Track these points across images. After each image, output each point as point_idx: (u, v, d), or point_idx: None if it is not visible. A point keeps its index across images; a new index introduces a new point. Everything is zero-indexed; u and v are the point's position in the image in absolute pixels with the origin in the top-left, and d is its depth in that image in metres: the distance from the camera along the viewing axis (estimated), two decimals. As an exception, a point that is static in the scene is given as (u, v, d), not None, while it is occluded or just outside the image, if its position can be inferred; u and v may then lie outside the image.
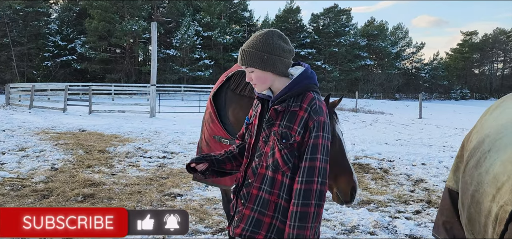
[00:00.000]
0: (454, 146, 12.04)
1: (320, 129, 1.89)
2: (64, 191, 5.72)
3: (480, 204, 1.61)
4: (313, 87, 2.00)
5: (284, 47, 1.98)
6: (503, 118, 1.82)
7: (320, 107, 1.93)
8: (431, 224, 5.01)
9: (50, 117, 17.12)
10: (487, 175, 1.62)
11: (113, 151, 9.13)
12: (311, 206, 1.84)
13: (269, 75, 1.99)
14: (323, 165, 1.88)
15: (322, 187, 1.87)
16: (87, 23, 45.11)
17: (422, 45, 74.24)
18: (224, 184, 3.48)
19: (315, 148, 1.88)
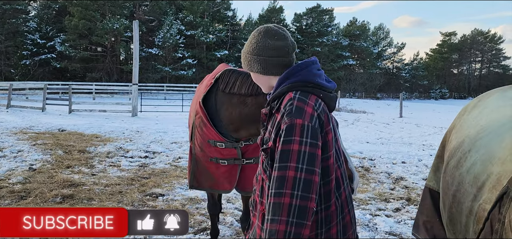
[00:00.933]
0: (433, 144, 12.28)
1: (293, 133, 1.62)
2: (43, 192, 5.61)
3: (461, 204, 1.64)
4: (298, 85, 1.75)
5: (270, 45, 1.81)
6: (482, 119, 1.85)
7: (298, 107, 1.66)
8: (410, 222, 5.10)
9: (29, 116, 16.75)
10: (468, 175, 1.64)
11: (94, 151, 8.99)
12: (281, 223, 1.56)
13: (260, 76, 1.88)
14: (301, 175, 1.58)
15: (302, 202, 1.56)
16: (67, 21, 44.31)
17: (402, 45, 75.54)
18: (224, 189, 3.42)
19: (285, 155, 1.61)
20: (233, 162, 3.24)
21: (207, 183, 3.46)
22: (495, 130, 1.67)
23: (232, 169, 3.28)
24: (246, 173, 3.28)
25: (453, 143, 1.98)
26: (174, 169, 7.55)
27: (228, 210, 5.25)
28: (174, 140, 11.15)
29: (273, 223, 1.58)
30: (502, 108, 1.82)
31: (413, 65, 75.38)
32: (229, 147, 3.16)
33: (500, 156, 1.51)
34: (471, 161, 1.66)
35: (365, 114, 25.86)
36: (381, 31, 74.68)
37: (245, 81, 3.15)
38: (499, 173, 1.45)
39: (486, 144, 1.64)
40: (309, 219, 1.58)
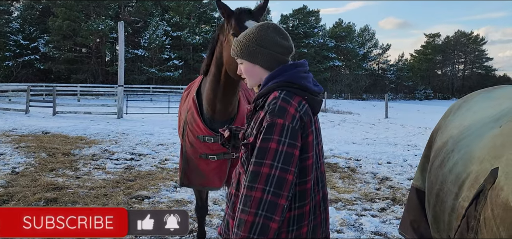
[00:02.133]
0: (418, 144, 12.44)
1: (273, 132, 1.66)
2: (26, 195, 5.51)
3: (444, 203, 1.67)
4: (283, 84, 1.77)
5: (278, 42, 1.84)
6: (466, 120, 1.89)
7: (281, 107, 1.70)
8: (396, 221, 5.16)
9: (11, 119, 16.44)
10: (450, 174, 1.68)
11: (78, 153, 8.88)
12: (250, 214, 1.64)
13: (257, 68, 1.88)
14: (274, 172, 1.64)
15: (272, 197, 1.63)
16: (50, 21, 43.64)
17: (388, 46, 76.57)
18: (214, 186, 3.42)
19: (263, 151, 1.66)
20: (223, 156, 3.24)
21: (198, 181, 3.46)
22: (476, 130, 1.72)
23: (222, 164, 3.27)
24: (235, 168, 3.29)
25: (438, 143, 2.02)
26: (160, 171, 7.49)
27: (214, 212, 5.24)
28: (160, 142, 11.08)
29: (243, 213, 1.66)
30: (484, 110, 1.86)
31: (398, 66, 76.39)
32: (218, 141, 3.17)
33: (478, 155, 1.56)
34: (453, 160, 1.70)
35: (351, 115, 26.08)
36: (366, 33, 75.53)
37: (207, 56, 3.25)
38: (477, 171, 1.50)
39: (467, 144, 1.68)
40: (278, 215, 1.65)
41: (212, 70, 3.13)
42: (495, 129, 1.63)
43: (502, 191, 1.28)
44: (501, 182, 1.32)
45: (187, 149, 3.43)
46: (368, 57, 74.25)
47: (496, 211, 1.28)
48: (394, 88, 74.81)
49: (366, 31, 75.58)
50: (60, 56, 44.49)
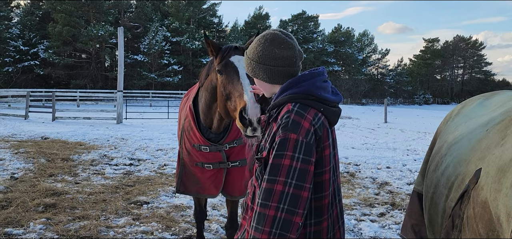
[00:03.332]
0: (417, 149, 12.45)
1: (286, 148, 1.61)
2: (24, 201, 5.50)
3: (437, 205, 1.70)
4: (298, 97, 1.71)
5: (276, 55, 1.77)
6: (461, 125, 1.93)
7: (295, 121, 1.64)
8: (395, 226, 5.16)
9: (11, 124, 16.44)
10: (442, 177, 1.71)
11: (78, 159, 8.87)
12: (264, 233, 1.59)
13: (263, 83, 1.86)
14: (288, 190, 1.58)
15: (285, 215, 1.58)
16: (50, 27, 43.72)
17: (387, 51, 76.59)
18: (210, 194, 3.40)
19: (275, 168, 1.61)
20: (219, 166, 3.23)
21: (194, 188, 3.45)
22: (467, 135, 1.76)
23: (218, 173, 3.27)
24: (232, 176, 3.28)
25: (435, 148, 2.05)
26: (159, 176, 7.49)
27: (213, 217, 5.23)
28: (159, 147, 11.07)
29: (257, 231, 1.61)
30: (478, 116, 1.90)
31: (397, 71, 76.47)
32: (213, 151, 3.16)
33: (466, 158, 1.62)
34: (445, 164, 1.74)
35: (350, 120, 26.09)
36: (365, 38, 75.64)
37: (205, 69, 3.26)
38: (464, 173, 1.55)
39: (458, 149, 1.73)
40: (293, 233, 1.59)
41: (207, 88, 3.12)
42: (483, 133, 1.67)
43: (482, 190, 1.33)
44: (482, 182, 1.36)
45: (184, 156, 3.43)
46: (367, 62, 74.37)
47: (476, 210, 1.33)
48: (394, 93, 74.87)
49: (365, 36, 75.72)
50: (60, 61, 44.52)
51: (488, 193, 1.30)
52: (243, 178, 3.22)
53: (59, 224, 4.72)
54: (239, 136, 3.15)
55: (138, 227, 4.75)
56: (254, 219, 1.63)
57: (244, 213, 1.93)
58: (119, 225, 4.80)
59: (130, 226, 4.79)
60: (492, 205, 1.26)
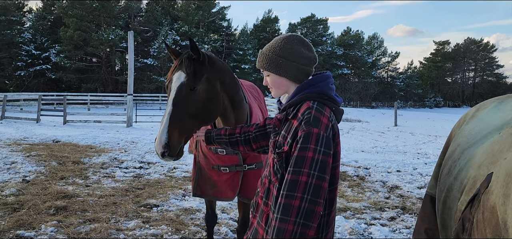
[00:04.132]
0: (428, 153, 12.33)
1: (309, 141, 1.71)
2: (36, 204, 5.56)
3: (450, 209, 1.69)
4: (314, 96, 1.85)
5: (303, 54, 1.92)
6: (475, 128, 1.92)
7: (315, 117, 1.76)
8: (406, 230, 5.11)
9: (23, 127, 16.66)
10: (455, 181, 1.70)
11: (88, 162, 8.95)
12: (289, 223, 1.67)
13: (284, 80, 1.94)
14: (311, 180, 1.69)
15: (310, 205, 1.67)
16: (62, 32, 44.31)
17: (396, 54, 76.15)
18: (227, 197, 3.36)
19: (300, 160, 1.71)
20: (235, 168, 3.21)
21: (211, 191, 3.43)
22: (481, 138, 1.75)
23: (234, 176, 3.25)
24: (248, 179, 3.25)
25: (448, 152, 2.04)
26: (169, 179, 7.52)
27: (222, 220, 5.23)
28: (169, 150, 11.12)
29: (282, 222, 1.69)
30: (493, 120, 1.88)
31: (407, 74, 75.95)
32: (230, 154, 3.14)
33: (478, 161, 1.60)
34: (458, 168, 1.74)
35: (360, 123, 25.95)
36: (375, 41, 75.33)
37: None
38: (475, 176, 1.54)
39: (471, 152, 1.72)
40: (315, 222, 1.70)
41: None
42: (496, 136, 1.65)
43: (492, 195, 1.33)
44: (492, 186, 1.36)
45: (200, 160, 3.41)
46: (377, 65, 74.02)
47: (485, 214, 1.32)
48: (404, 96, 74.35)
49: (374, 39, 75.40)
50: (71, 65, 45.07)
51: (497, 198, 1.29)
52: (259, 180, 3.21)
53: (70, 226, 4.76)
54: None
55: (148, 230, 4.77)
56: (279, 210, 1.71)
57: (254, 212, 1.99)
58: (129, 228, 4.83)
59: (140, 229, 4.81)
60: (500, 210, 1.25)
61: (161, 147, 2.40)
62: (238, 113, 3.00)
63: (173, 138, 2.44)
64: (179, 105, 2.49)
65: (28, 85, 44.87)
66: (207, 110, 2.63)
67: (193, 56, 2.61)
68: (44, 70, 45.92)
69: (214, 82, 2.67)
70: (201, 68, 2.60)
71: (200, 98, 2.56)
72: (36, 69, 45.58)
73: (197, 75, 2.56)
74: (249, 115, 3.15)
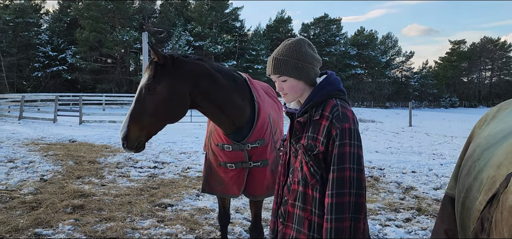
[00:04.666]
0: (444, 153, 12.16)
1: (345, 136, 1.77)
2: (53, 202, 5.67)
3: (469, 210, 1.68)
4: (335, 94, 1.90)
5: (314, 56, 1.96)
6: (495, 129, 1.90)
7: (343, 113, 1.82)
8: (421, 232, 5.05)
9: (40, 128, 16.96)
10: (475, 182, 1.69)
11: (104, 161, 9.07)
12: (345, 220, 1.72)
13: (301, 84, 1.94)
14: (354, 174, 1.75)
15: (357, 199, 1.74)
16: (78, 33, 44.98)
17: (411, 54, 75.48)
18: (233, 194, 3.43)
19: (341, 157, 1.76)
20: (241, 165, 3.25)
21: (219, 188, 3.50)
22: (501, 138, 1.72)
23: (240, 173, 3.29)
24: (253, 177, 3.29)
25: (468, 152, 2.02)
26: (183, 179, 7.58)
27: (236, 220, 5.25)
28: (182, 150, 11.20)
29: (338, 221, 1.73)
30: None
31: (422, 74, 74.98)
32: (236, 150, 3.18)
33: (497, 161, 1.59)
34: (478, 168, 1.72)
35: (374, 123, 25.74)
36: (389, 40, 74.53)
37: None
38: (495, 176, 1.53)
39: (491, 152, 1.70)
40: (362, 213, 1.77)
41: None
42: None
43: (511, 194, 1.32)
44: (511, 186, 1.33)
45: (210, 157, 3.48)
46: (391, 64, 73.25)
47: (504, 214, 1.32)
48: (418, 96, 73.43)
49: (388, 38, 74.62)
50: (87, 66, 45.70)
51: None
52: (264, 179, 3.25)
53: (87, 225, 4.83)
54: (262, 137, 3.16)
55: (162, 229, 4.82)
56: (331, 211, 1.74)
57: (286, 221, 1.97)
58: (144, 227, 4.88)
59: (155, 228, 4.86)
60: None
61: (121, 140, 2.68)
62: (234, 114, 3.06)
63: (132, 132, 2.67)
64: (139, 104, 2.69)
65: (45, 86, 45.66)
66: (167, 111, 2.75)
67: (154, 59, 2.73)
68: (61, 71, 46.70)
69: (177, 85, 2.75)
70: (162, 71, 2.72)
71: (159, 98, 2.68)
72: (52, 70, 46.38)
73: (156, 77, 2.70)
74: (257, 115, 3.17)
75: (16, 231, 4.56)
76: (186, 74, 2.81)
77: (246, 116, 3.13)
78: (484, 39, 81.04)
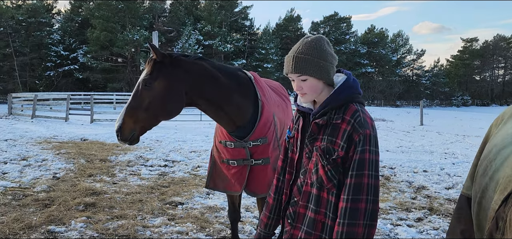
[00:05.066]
0: (456, 153, 12.03)
1: (366, 143, 1.75)
2: (66, 200, 5.73)
3: (485, 211, 1.66)
4: (356, 97, 1.87)
5: (333, 55, 1.90)
6: None
7: (365, 119, 1.79)
8: (433, 232, 5.00)
9: (52, 126, 17.17)
10: (491, 181, 1.67)
11: (115, 160, 9.15)
12: (358, 226, 1.71)
13: (321, 84, 1.87)
14: (372, 181, 1.74)
15: (372, 206, 1.73)
16: (89, 33, 45.41)
17: (422, 52, 74.53)
18: (235, 190, 3.47)
19: (361, 163, 1.74)
20: (243, 163, 3.27)
21: (222, 185, 3.56)
22: None
23: (242, 170, 3.32)
24: (255, 174, 3.31)
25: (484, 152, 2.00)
26: (193, 178, 7.61)
27: (246, 219, 5.25)
28: (193, 149, 11.25)
29: (351, 226, 1.72)
30: None
31: (433, 72, 74.19)
32: (238, 147, 3.21)
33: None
34: (493, 168, 1.70)
35: (384, 122, 25.55)
36: (400, 38, 73.84)
37: None
38: (510, 176, 1.51)
39: (507, 152, 1.68)
40: (376, 220, 1.77)
41: None
42: None
43: None
44: None
45: (214, 154, 3.55)
46: (402, 63, 72.58)
47: None
48: (430, 94, 72.67)
49: (399, 36, 73.93)
50: (98, 65, 46.12)
51: None
52: (265, 177, 3.27)
53: (99, 222, 4.88)
54: (264, 135, 3.17)
55: (173, 227, 4.84)
56: (345, 215, 1.72)
57: (295, 222, 1.94)
58: (155, 225, 4.91)
59: (166, 226, 4.88)
60: None
61: (115, 131, 2.78)
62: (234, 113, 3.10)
63: (126, 125, 2.76)
64: (136, 98, 2.78)
65: (57, 85, 46.20)
66: (162, 107, 2.82)
67: (153, 56, 2.80)
68: (72, 70, 47.19)
69: (173, 82, 2.82)
70: (159, 68, 2.79)
71: (154, 94, 2.76)
72: (64, 69, 46.90)
73: (153, 74, 2.78)
74: (260, 113, 3.19)
75: (30, 228, 4.63)
76: (183, 72, 2.86)
77: (247, 114, 3.16)
78: (497, 36, 79.88)
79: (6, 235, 4.40)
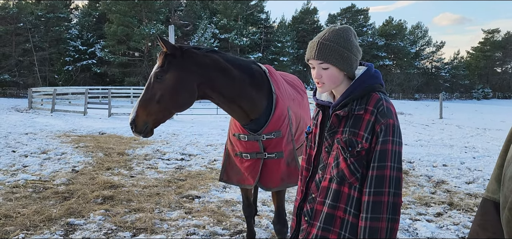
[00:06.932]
0: (476, 146, 11.76)
1: (389, 133, 1.68)
2: (85, 193, 5.81)
3: None
4: (378, 87, 1.80)
5: (359, 48, 1.83)
6: None
7: (388, 108, 1.73)
8: (453, 227, 4.90)
9: (71, 120, 17.46)
10: None
11: (132, 153, 9.24)
12: (382, 220, 1.65)
13: (342, 75, 1.81)
14: (395, 173, 1.68)
15: (395, 199, 1.67)
16: (106, 27, 45.92)
17: (442, 44, 72.99)
18: (248, 184, 3.45)
19: (383, 154, 1.67)
20: (256, 156, 3.25)
21: (236, 178, 3.55)
22: None
23: (255, 163, 3.29)
24: (268, 168, 3.28)
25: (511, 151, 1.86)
26: (209, 171, 7.62)
27: (263, 213, 5.23)
28: (209, 142, 11.28)
29: (374, 221, 1.66)
30: None
31: (453, 64, 72.66)
32: (251, 140, 3.19)
33: None
34: None
35: (402, 116, 25.17)
36: (419, 30, 72.45)
37: None
38: None
39: None
40: (399, 214, 1.70)
41: None
42: None
43: None
44: None
45: (228, 147, 3.54)
46: (421, 55, 71.27)
47: None
48: (449, 87, 71.28)
49: (418, 28, 72.52)
50: (115, 60, 46.62)
51: None
52: (279, 170, 3.24)
53: (117, 215, 4.93)
54: (278, 129, 3.14)
55: (190, 220, 4.86)
56: (368, 209, 1.67)
57: (312, 220, 1.86)
58: (172, 218, 4.93)
59: (183, 219, 4.90)
60: None
61: (129, 123, 2.80)
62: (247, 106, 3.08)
63: (140, 117, 2.78)
64: (148, 91, 2.81)
65: (76, 79, 46.91)
66: (173, 99, 2.83)
67: (164, 49, 2.81)
68: (90, 64, 47.85)
69: (184, 75, 2.82)
70: (171, 61, 2.80)
71: (166, 87, 2.78)
72: (82, 64, 47.57)
73: (164, 66, 2.80)
74: (274, 107, 3.16)
75: (50, 220, 4.70)
76: (194, 65, 2.86)
77: (261, 108, 3.14)
78: (519, 27, 77.63)
79: (27, 227, 4.48)
